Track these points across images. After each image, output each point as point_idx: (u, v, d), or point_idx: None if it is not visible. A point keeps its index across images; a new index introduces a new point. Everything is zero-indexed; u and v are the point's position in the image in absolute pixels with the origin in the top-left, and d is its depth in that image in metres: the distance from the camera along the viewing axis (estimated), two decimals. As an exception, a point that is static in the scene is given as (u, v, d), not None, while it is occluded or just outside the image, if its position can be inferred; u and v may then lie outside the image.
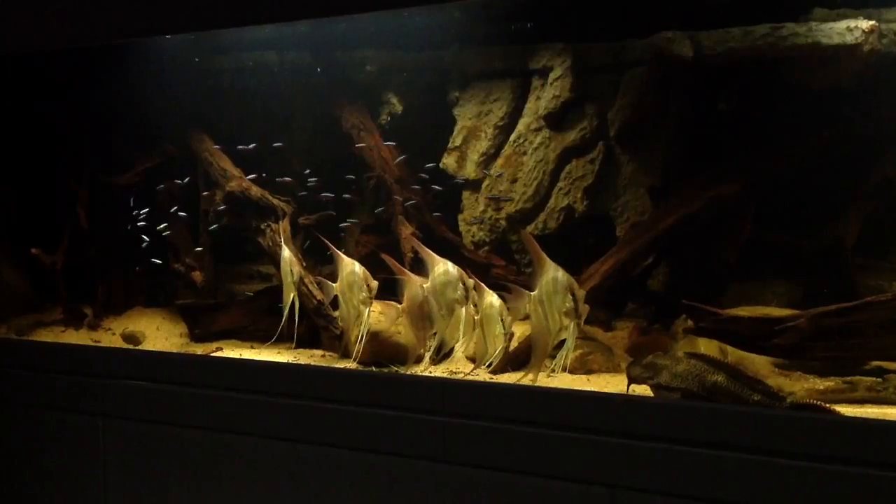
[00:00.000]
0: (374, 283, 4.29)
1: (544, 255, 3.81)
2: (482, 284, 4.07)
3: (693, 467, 3.27)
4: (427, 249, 4.22)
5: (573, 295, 3.72)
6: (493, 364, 4.05)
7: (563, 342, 3.87)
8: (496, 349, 3.99)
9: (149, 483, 4.53)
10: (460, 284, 4.01)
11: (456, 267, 4.08)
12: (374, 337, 4.44)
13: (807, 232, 4.54)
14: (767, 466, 3.15)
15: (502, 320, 3.98)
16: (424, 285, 4.13)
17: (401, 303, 4.25)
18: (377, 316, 4.42)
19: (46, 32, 4.81)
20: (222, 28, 4.91)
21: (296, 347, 4.77)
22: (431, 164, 5.19)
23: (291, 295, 4.55)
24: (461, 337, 4.07)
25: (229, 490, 4.31)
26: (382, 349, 4.48)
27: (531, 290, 3.81)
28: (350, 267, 4.33)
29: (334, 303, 4.51)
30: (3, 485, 5.00)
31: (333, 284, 4.38)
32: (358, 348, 4.33)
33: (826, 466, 3.07)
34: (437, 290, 4.07)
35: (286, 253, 4.63)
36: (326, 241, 4.50)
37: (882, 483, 2.99)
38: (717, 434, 3.25)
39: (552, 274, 3.75)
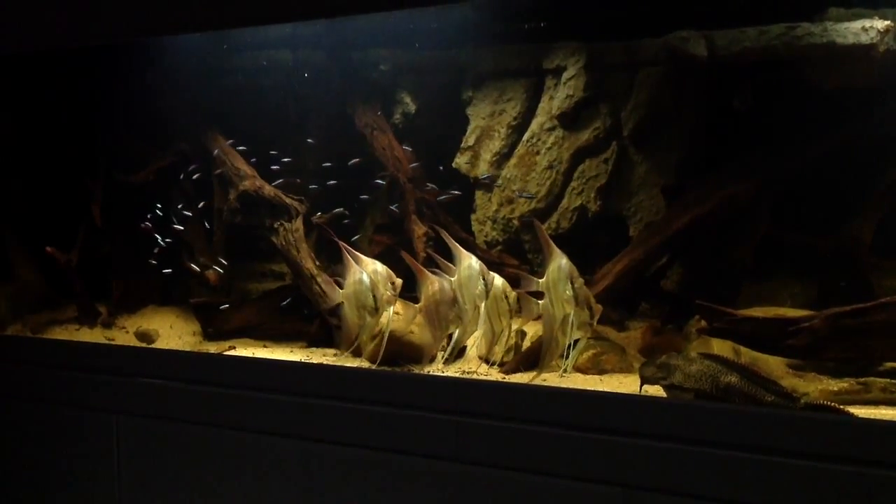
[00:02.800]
0: (399, 281, 4.28)
1: (552, 244, 3.93)
2: (483, 265, 4.11)
3: (706, 468, 3.26)
4: (454, 243, 4.24)
5: (572, 283, 3.83)
6: (504, 339, 4.13)
7: (575, 342, 3.90)
8: (502, 327, 4.04)
9: (162, 480, 4.55)
10: (481, 280, 4.03)
11: (479, 262, 4.13)
12: (388, 337, 4.41)
13: (822, 232, 4.52)
14: (781, 467, 3.14)
15: (506, 296, 4.04)
16: (452, 278, 4.15)
17: (417, 302, 4.25)
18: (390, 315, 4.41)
19: (60, 31, 4.82)
20: (236, 28, 4.93)
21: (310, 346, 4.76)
22: (439, 166, 5.17)
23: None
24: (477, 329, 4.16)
25: (242, 488, 4.32)
26: (396, 349, 4.47)
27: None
28: (371, 266, 4.31)
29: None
30: (16, 482, 5.03)
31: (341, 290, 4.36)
32: (381, 346, 4.31)
33: (840, 468, 3.06)
34: (462, 284, 4.11)
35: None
36: (342, 243, 4.47)
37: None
38: (731, 435, 3.24)
39: (558, 262, 3.88)
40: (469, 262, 4.14)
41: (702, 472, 3.27)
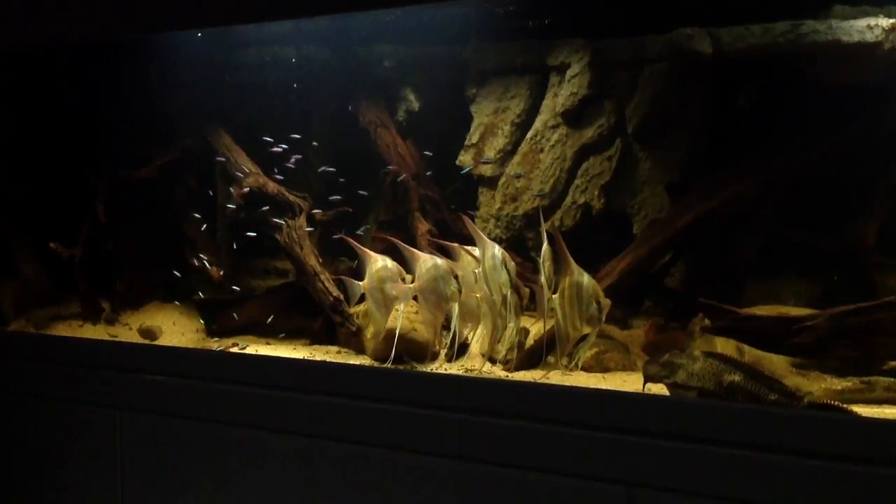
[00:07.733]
0: (409, 277, 4.26)
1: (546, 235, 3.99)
2: (483, 237, 4.09)
3: (709, 466, 3.26)
4: (476, 229, 4.17)
5: (543, 263, 3.91)
6: (508, 335, 4.16)
7: (583, 337, 3.90)
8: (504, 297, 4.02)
9: (164, 477, 4.55)
10: (504, 269, 3.99)
11: (501, 250, 4.05)
12: (392, 333, 4.40)
13: (826, 230, 4.51)
14: (784, 466, 3.13)
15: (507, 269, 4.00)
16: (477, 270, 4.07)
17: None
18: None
19: (63, 28, 4.82)
20: (239, 24, 4.93)
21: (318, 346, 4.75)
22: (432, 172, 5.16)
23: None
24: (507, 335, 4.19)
25: (244, 485, 4.32)
26: (400, 345, 4.46)
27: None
28: (381, 262, 4.29)
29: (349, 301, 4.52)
30: (20, 478, 5.03)
31: (359, 283, 4.34)
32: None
33: (843, 467, 3.05)
34: (488, 276, 4.03)
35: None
36: (351, 240, 4.46)
37: (900, 484, 2.98)
38: (734, 433, 3.23)
39: (545, 245, 3.94)
40: (492, 250, 4.02)
41: (705, 470, 3.26)
